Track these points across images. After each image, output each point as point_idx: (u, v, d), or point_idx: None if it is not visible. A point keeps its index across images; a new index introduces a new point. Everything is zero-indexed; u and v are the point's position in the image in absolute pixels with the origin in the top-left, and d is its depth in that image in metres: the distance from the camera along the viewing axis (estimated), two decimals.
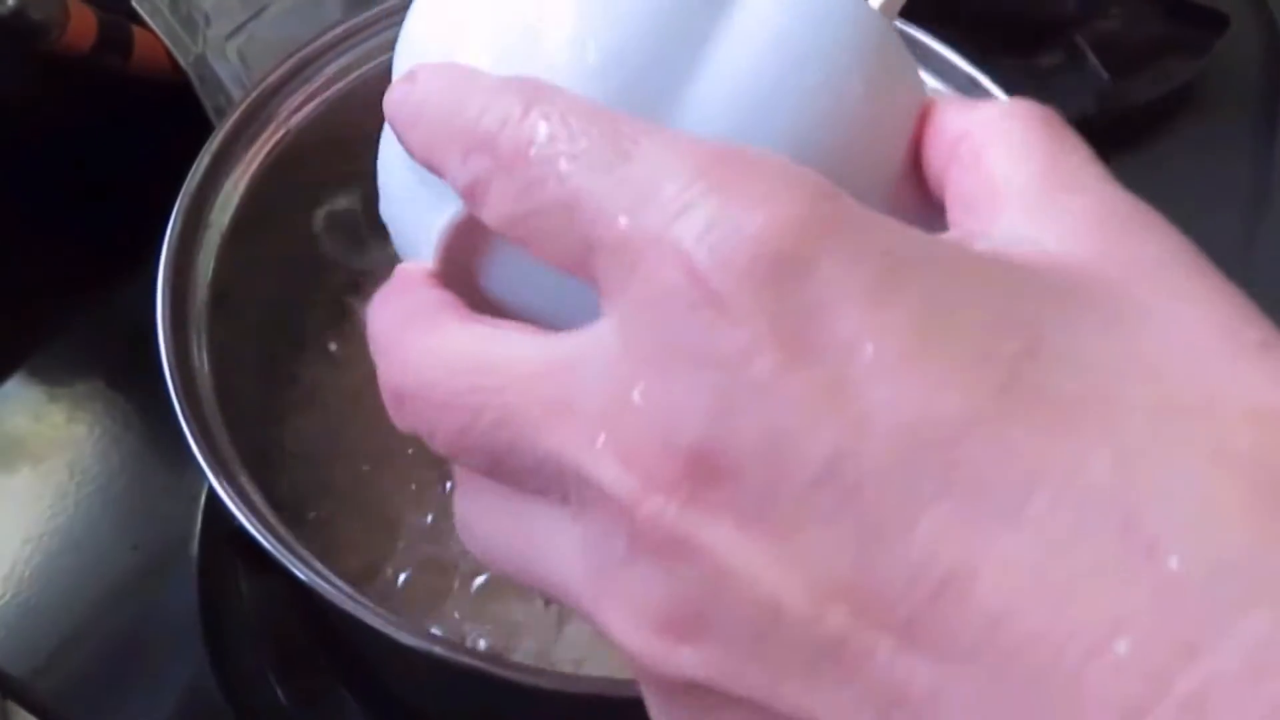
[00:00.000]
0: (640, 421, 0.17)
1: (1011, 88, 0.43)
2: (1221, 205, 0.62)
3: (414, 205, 0.23)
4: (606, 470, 0.17)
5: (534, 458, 0.18)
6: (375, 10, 0.47)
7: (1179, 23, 0.65)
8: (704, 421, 0.17)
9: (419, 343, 0.20)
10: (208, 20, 0.54)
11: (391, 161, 0.23)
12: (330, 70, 0.46)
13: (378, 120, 0.22)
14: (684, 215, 0.17)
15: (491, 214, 0.19)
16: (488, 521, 0.21)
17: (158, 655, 0.48)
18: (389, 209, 0.24)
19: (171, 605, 0.49)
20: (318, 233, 0.48)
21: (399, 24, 0.23)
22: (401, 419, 0.20)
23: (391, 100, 0.21)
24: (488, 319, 0.20)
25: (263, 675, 0.48)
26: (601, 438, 0.17)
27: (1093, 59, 0.63)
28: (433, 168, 0.20)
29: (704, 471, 0.17)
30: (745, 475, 0.16)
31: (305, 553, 0.35)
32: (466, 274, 0.22)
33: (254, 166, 0.44)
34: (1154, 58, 0.64)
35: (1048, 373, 0.16)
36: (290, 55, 0.45)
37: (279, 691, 0.48)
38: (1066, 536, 0.15)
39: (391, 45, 0.23)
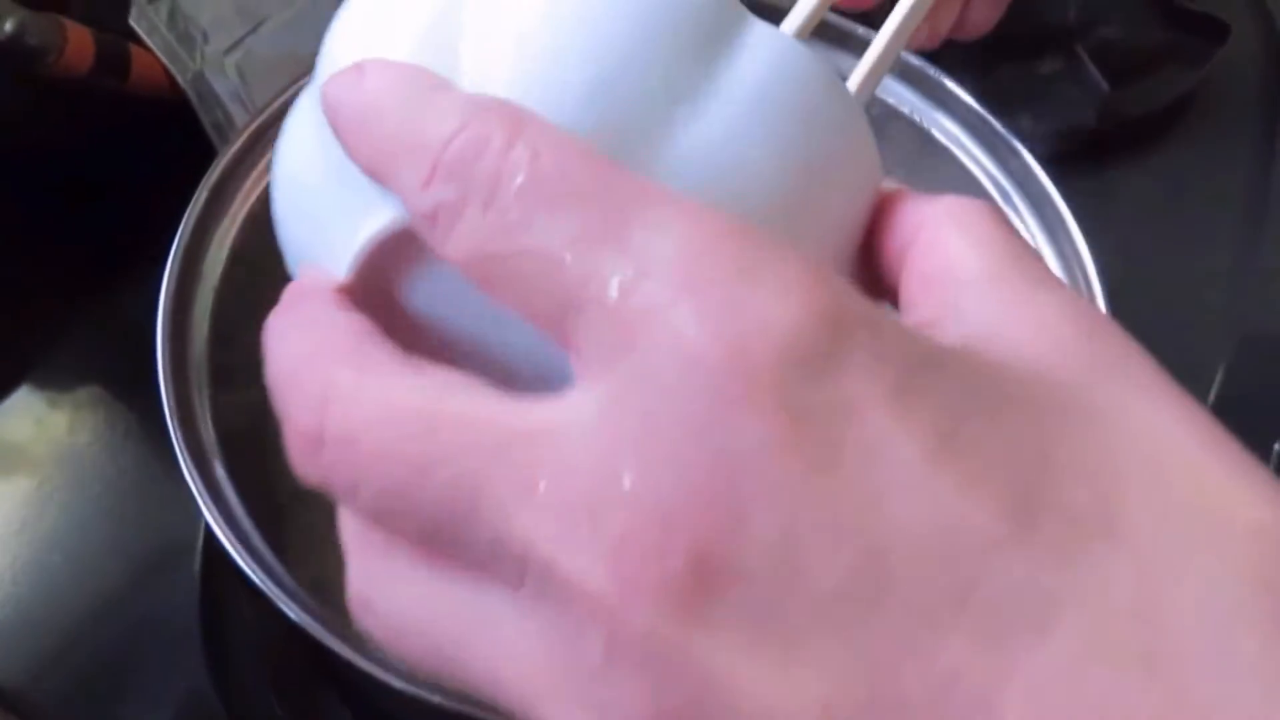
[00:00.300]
0: (631, 513, 0.15)
1: (1011, 96, 0.43)
2: (1221, 215, 0.61)
3: (328, 208, 0.20)
4: (587, 568, 0.15)
5: (491, 532, 0.16)
6: None
7: (1179, 31, 0.64)
8: (711, 519, 0.15)
9: (346, 379, 0.17)
10: (205, 37, 0.54)
11: (302, 154, 0.20)
12: None
13: None
14: (698, 294, 0.15)
15: (456, 249, 0.17)
16: (402, 598, 0.18)
17: (157, 666, 0.48)
18: (289, 208, 0.21)
19: (171, 616, 0.49)
20: None
21: None
22: (313, 465, 0.17)
23: (332, 92, 0.18)
24: (434, 366, 0.17)
25: (263, 690, 0.48)
26: (584, 528, 0.15)
27: (1092, 68, 0.63)
28: (379, 178, 0.18)
29: (705, 575, 0.15)
30: (754, 582, 0.15)
31: (305, 595, 0.35)
32: (384, 289, 0.20)
33: (255, 194, 0.44)
34: (1154, 67, 0.64)
35: (1060, 484, 0.16)
36: (290, 84, 0.45)
37: (278, 708, 0.48)
38: (1090, 658, 0.15)
39: None
